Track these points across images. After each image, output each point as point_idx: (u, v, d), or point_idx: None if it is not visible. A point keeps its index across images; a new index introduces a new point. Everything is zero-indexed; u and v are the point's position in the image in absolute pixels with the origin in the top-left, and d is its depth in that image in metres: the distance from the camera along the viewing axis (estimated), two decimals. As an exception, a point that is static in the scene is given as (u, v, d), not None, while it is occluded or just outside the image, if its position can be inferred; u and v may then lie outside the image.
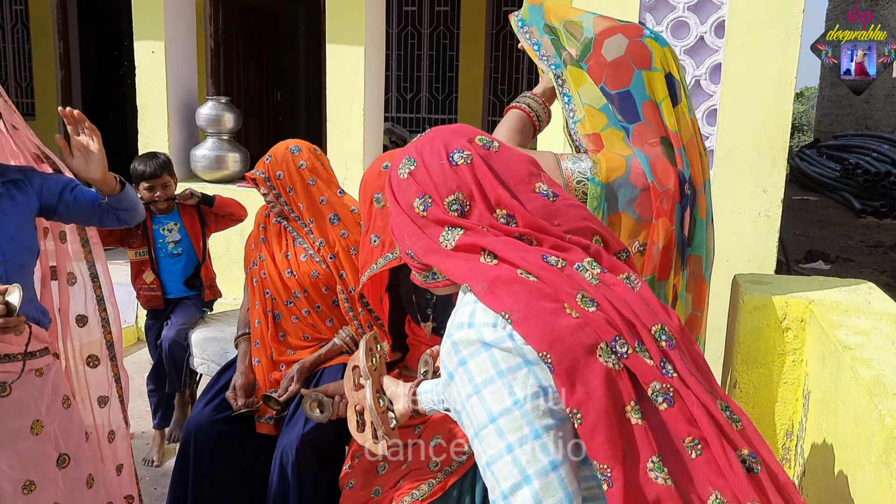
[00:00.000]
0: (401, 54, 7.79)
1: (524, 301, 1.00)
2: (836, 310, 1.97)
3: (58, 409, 1.99)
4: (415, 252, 1.15)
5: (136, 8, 5.10)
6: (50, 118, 8.53)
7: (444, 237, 1.10)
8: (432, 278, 1.18)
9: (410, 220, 1.14)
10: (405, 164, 1.15)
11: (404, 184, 1.14)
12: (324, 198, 2.64)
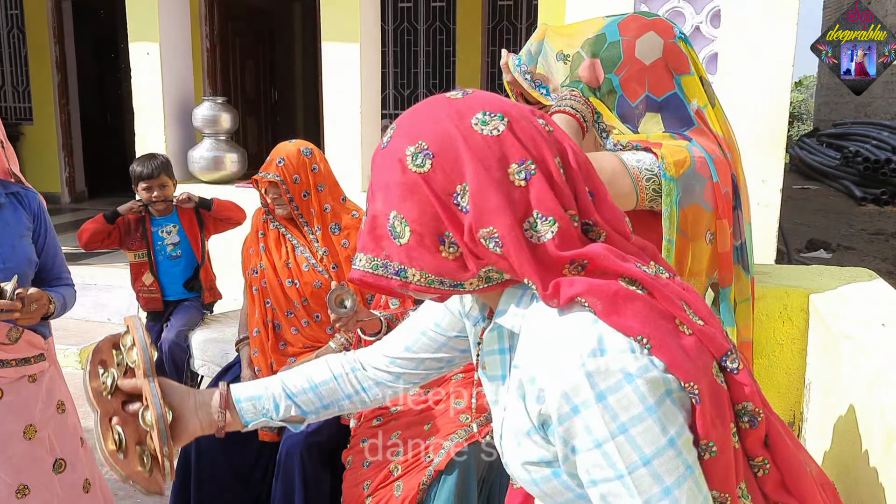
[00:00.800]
0: (397, 51, 7.77)
1: (652, 322, 0.88)
2: (838, 299, 1.95)
3: (52, 414, 1.99)
4: (503, 235, 0.89)
5: (130, 9, 5.09)
6: (48, 122, 8.53)
7: (539, 225, 0.90)
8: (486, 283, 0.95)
9: (503, 193, 0.90)
10: (488, 118, 0.92)
11: (494, 143, 0.90)
12: (328, 206, 2.63)
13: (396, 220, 0.93)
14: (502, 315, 0.98)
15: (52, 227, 2.06)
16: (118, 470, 1.05)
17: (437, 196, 0.91)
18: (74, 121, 8.78)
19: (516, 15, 7.44)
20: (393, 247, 0.93)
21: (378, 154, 0.96)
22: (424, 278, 0.93)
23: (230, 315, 3.62)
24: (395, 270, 0.94)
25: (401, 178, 0.92)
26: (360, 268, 0.96)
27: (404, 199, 0.92)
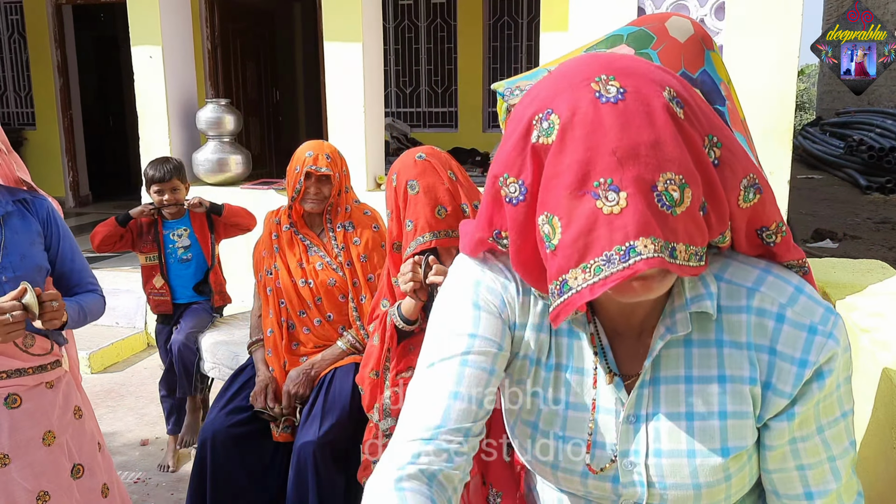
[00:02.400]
0: (398, 49, 7.76)
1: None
2: (851, 291, 1.95)
3: (69, 419, 2.00)
4: (762, 179, 0.86)
5: (132, 13, 5.09)
6: (51, 127, 8.54)
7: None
8: (698, 259, 0.80)
9: (740, 144, 0.85)
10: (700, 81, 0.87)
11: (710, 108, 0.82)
12: (349, 206, 2.68)
13: (671, 185, 0.75)
14: (697, 301, 0.88)
15: (67, 233, 2.04)
16: None
17: (699, 147, 0.78)
18: (77, 125, 8.78)
19: (517, 10, 7.42)
20: (668, 220, 0.75)
21: (611, 108, 0.76)
22: (687, 252, 0.78)
23: (239, 317, 3.62)
24: (670, 252, 0.76)
25: (670, 129, 0.76)
26: (653, 253, 0.74)
27: (680, 154, 0.76)
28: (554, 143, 0.78)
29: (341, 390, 2.48)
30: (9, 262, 1.85)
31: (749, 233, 0.89)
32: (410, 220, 2.11)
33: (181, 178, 3.45)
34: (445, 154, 2.25)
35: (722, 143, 0.81)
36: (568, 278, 0.78)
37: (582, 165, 0.75)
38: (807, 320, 0.88)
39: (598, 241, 0.75)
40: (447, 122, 7.86)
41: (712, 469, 0.91)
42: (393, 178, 2.18)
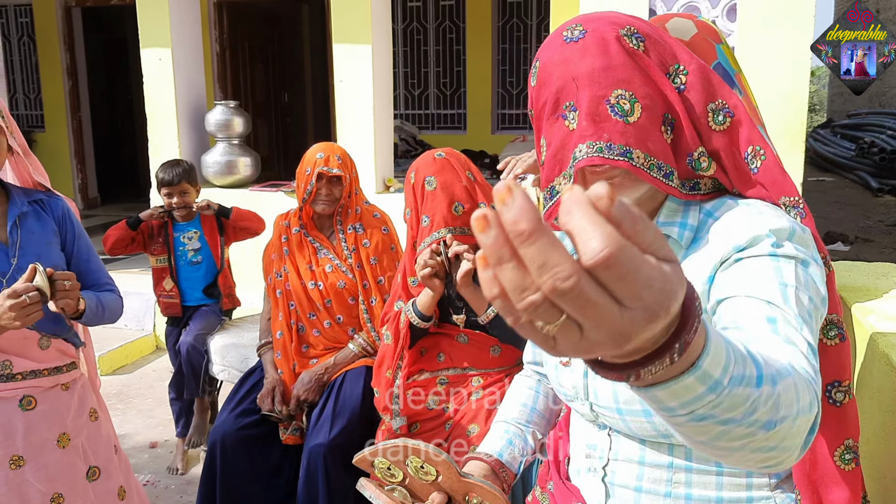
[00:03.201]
0: (407, 50, 7.75)
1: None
2: (866, 295, 1.93)
3: (84, 421, 2.00)
4: (734, 104, 0.97)
5: (142, 16, 5.10)
6: (60, 129, 8.57)
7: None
8: (692, 188, 1.01)
9: (716, 76, 0.98)
10: (674, 27, 1.02)
11: (688, 46, 1.03)
12: (359, 207, 2.68)
13: (622, 99, 0.91)
14: (665, 226, 1.00)
15: (83, 233, 2.04)
16: None
17: (658, 73, 0.92)
18: (86, 127, 8.81)
19: (526, 12, 7.41)
20: (618, 127, 0.91)
21: (571, 47, 0.93)
22: (647, 161, 0.92)
23: (248, 320, 3.62)
24: (619, 152, 0.91)
25: (621, 57, 0.91)
26: (585, 154, 0.92)
27: (630, 75, 0.91)
28: (536, 82, 0.97)
29: (352, 393, 2.48)
30: (25, 262, 1.85)
31: (736, 160, 0.98)
32: (427, 215, 2.14)
33: (191, 181, 3.45)
34: (465, 157, 2.27)
35: (689, 71, 0.94)
36: (555, 185, 0.96)
37: (553, 94, 0.94)
38: (759, 223, 0.92)
39: (568, 151, 0.93)
40: (456, 124, 7.84)
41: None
42: (411, 175, 2.20)
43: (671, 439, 1.00)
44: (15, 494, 1.81)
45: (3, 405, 1.82)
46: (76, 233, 2.00)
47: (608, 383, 0.99)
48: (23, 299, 1.66)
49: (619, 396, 1.00)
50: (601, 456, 1.09)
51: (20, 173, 2.02)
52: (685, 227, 0.99)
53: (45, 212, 1.95)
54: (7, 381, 1.82)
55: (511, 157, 2.29)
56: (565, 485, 1.19)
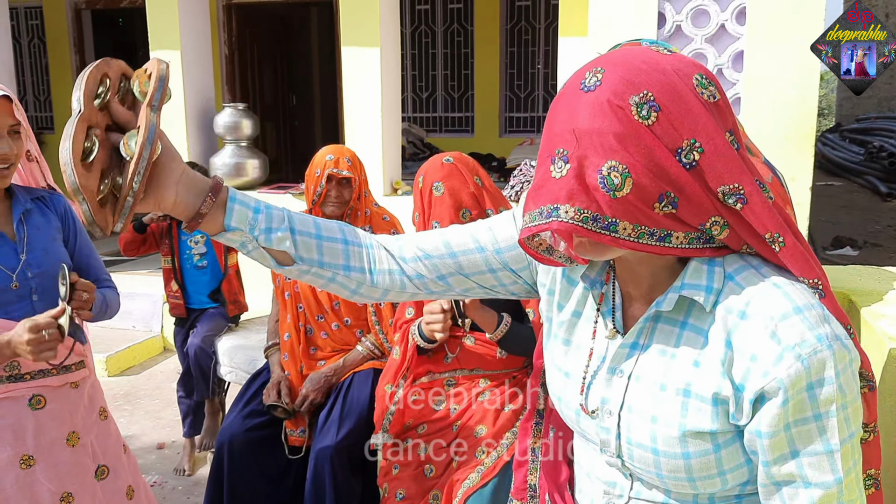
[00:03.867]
0: (415, 53, 7.76)
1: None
2: (879, 300, 1.92)
3: (94, 420, 2.00)
4: (749, 191, 0.93)
5: (151, 18, 5.12)
6: (69, 131, 8.60)
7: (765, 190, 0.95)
8: (705, 242, 0.95)
9: (737, 154, 0.93)
10: (706, 83, 0.93)
11: (714, 108, 0.92)
12: (368, 210, 2.69)
13: (614, 172, 0.88)
14: (691, 289, 0.97)
15: (83, 230, 2.06)
16: (75, 177, 0.92)
17: (663, 151, 0.89)
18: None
19: (534, 15, 7.41)
20: (605, 199, 0.88)
21: (583, 98, 0.90)
22: (635, 230, 0.90)
23: (256, 322, 3.63)
24: (604, 224, 0.89)
25: (623, 127, 0.87)
26: (569, 220, 0.88)
27: (626, 149, 0.88)
28: (547, 116, 0.96)
29: (359, 396, 2.48)
30: (33, 257, 1.87)
31: (750, 239, 0.96)
32: (436, 220, 2.16)
33: None
34: (474, 161, 2.27)
35: (704, 150, 0.90)
36: (525, 219, 0.95)
37: (552, 136, 0.92)
38: (788, 340, 0.90)
39: (542, 196, 0.91)
40: (463, 127, 7.85)
41: (667, 439, 0.98)
42: (420, 179, 2.21)
43: (703, 492, 1.01)
44: (26, 494, 1.82)
45: (13, 405, 1.83)
46: (77, 229, 2.04)
47: (649, 453, 1.00)
48: (41, 335, 1.69)
49: (663, 465, 0.99)
50: (621, 494, 1.08)
51: (32, 179, 2.04)
52: (710, 292, 0.96)
53: (49, 208, 1.98)
54: (16, 381, 1.83)
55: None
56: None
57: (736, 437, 0.96)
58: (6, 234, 1.86)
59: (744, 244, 0.97)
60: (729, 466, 0.97)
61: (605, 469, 1.09)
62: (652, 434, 0.99)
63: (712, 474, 0.98)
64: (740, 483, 1.00)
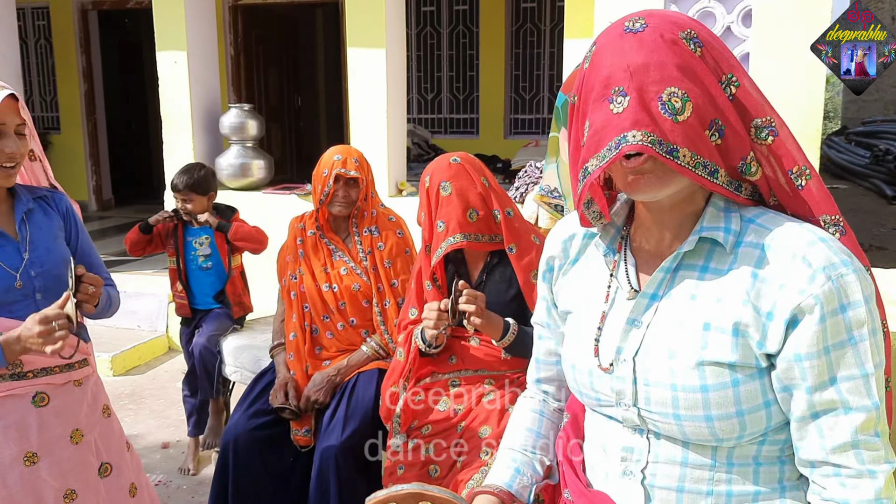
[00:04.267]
0: (420, 55, 7.77)
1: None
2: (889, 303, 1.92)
3: (98, 418, 2.01)
4: (779, 124, 1.03)
5: (158, 19, 5.14)
6: (75, 131, 8.63)
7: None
8: (733, 185, 1.03)
9: (760, 91, 1.04)
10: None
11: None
12: (374, 210, 2.68)
13: (675, 97, 0.95)
14: (711, 230, 1.02)
15: (83, 228, 2.08)
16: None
17: (711, 79, 0.96)
18: (101, 130, 8.87)
19: (540, 17, 7.41)
20: (668, 123, 0.95)
21: (630, 38, 0.97)
22: (693, 159, 0.96)
23: (261, 322, 3.63)
24: (668, 150, 0.95)
25: (679, 57, 0.95)
26: (639, 141, 0.94)
27: (685, 76, 0.95)
28: (588, 65, 1.01)
29: (364, 395, 2.48)
30: (36, 256, 1.88)
31: (777, 176, 1.03)
32: (442, 220, 2.16)
33: (198, 190, 3.44)
34: (480, 162, 2.27)
35: (740, 84, 0.99)
36: (588, 165, 0.99)
37: (604, 79, 0.97)
38: (818, 262, 0.96)
39: (608, 133, 0.96)
40: (468, 128, 7.85)
41: (686, 372, 1.01)
42: (426, 179, 2.21)
43: (721, 442, 1.03)
44: (29, 491, 1.82)
45: (17, 402, 1.83)
46: (79, 228, 2.05)
47: (667, 391, 1.03)
48: (52, 326, 1.70)
49: (680, 402, 1.02)
50: (639, 459, 1.10)
51: (35, 178, 2.04)
52: (729, 232, 1.02)
53: (51, 207, 1.99)
54: (19, 378, 1.83)
55: None
56: (589, 492, 1.18)
57: (756, 375, 1.00)
58: (9, 234, 1.87)
59: (771, 195, 1.04)
60: (747, 406, 1.00)
61: (621, 436, 1.12)
62: (670, 369, 1.03)
63: (730, 413, 1.00)
64: (758, 433, 1.02)
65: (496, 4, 7.38)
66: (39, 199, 1.97)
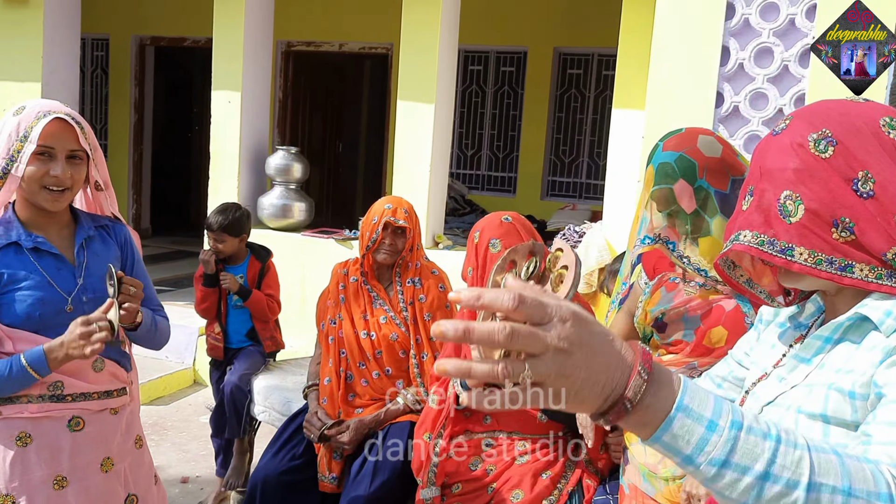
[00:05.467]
0: (464, 111, 7.89)
1: None
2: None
3: (129, 448, 2.01)
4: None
5: (216, 58, 5.29)
6: (121, 160, 8.83)
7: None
8: (834, 267, 1.02)
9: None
10: (893, 125, 1.02)
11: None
12: (419, 262, 2.72)
13: (788, 200, 1.01)
14: (871, 310, 1.00)
15: (140, 260, 2.11)
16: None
17: (836, 180, 0.99)
18: (146, 160, 9.06)
19: (584, 84, 7.52)
20: (781, 226, 1.02)
21: (771, 141, 1.05)
22: (813, 257, 1.00)
23: (293, 363, 3.64)
24: (780, 249, 1.02)
25: (799, 162, 1.01)
26: (746, 242, 1.03)
27: (801, 180, 1.00)
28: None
29: (395, 448, 2.46)
30: (90, 282, 1.91)
31: None
32: None
33: (231, 231, 3.48)
34: (530, 223, 2.29)
35: (876, 180, 0.99)
36: (724, 246, 1.10)
37: (748, 177, 1.08)
38: None
39: (731, 228, 1.07)
40: (506, 186, 7.92)
41: (809, 421, 1.03)
42: (476, 235, 2.23)
43: None
44: None
45: (53, 424, 1.85)
46: (136, 259, 2.08)
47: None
48: (93, 327, 1.72)
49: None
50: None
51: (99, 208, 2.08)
52: (889, 315, 1.00)
53: (110, 236, 2.03)
54: (58, 401, 1.85)
55: None
56: None
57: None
58: (66, 258, 1.90)
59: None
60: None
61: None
62: (795, 420, 1.04)
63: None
64: None
65: (543, 69, 7.51)
66: (100, 227, 2.01)
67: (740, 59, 3.27)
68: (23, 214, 1.88)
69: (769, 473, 0.74)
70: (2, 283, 1.81)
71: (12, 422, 1.82)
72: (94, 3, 7.71)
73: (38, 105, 1.85)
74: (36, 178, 1.80)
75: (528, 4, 7.32)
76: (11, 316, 1.80)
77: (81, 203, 2.07)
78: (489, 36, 7.46)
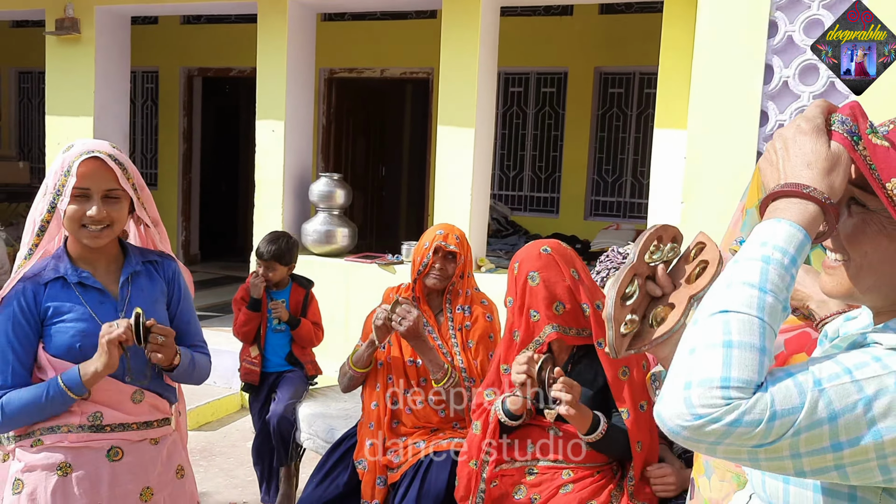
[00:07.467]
0: (505, 133, 7.90)
1: None
2: None
3: (170, 478, 2.02)
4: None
5: (261, 88, 5.39)
6: (170, 188, 9.04)
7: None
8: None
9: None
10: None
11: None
12: (469, 290, 2.73)
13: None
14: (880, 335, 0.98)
15: (187, 295, 2.13)
16: (612, 309, 1.10)
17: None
18: (194, 188, 9.27)
19: (626, 103, 7.47)
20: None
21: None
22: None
23: (335, 388, 3.64)
24: None
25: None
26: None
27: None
28: None
29: (437, 479, 2.45)
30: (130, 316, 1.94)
31: None
32: (535, 310, 2.18)
33: (281, 260, 3.55)
34: (572, 252, 2.26)
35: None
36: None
37: None
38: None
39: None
40: (548, 207, 7.88)
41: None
42: (515, 266, 2.22)
43: None
44: None
45: (92, 454, 1.87)
46: (182, 295, 2.10)
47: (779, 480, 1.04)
48: (114, 325, 1.79)
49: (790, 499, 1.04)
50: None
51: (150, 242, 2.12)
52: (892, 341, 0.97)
53: (157, 272, 2.05)
54: (97, 431, 1.88)
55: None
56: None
57: None
58: (110, 293, 1.93)
59: None
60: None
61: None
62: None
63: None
64: None
65: (584, 88, 7.49)
66: (149, 262, 2.04)
67: (784, 77, 3.21)
68: (73, 249, 1.94)
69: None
70: (48, 315, 1.87)
71: (53, 451, 1.85)
72: (143, 37, 7.95)
73: (84, 144, 1.91)
74: (75, 217, 1.85)
75: (568, 25, 7.32)
76: (55, 347, 1.86)
77: (135, 238, 2.11)
78: (529, 58, 7.47)
